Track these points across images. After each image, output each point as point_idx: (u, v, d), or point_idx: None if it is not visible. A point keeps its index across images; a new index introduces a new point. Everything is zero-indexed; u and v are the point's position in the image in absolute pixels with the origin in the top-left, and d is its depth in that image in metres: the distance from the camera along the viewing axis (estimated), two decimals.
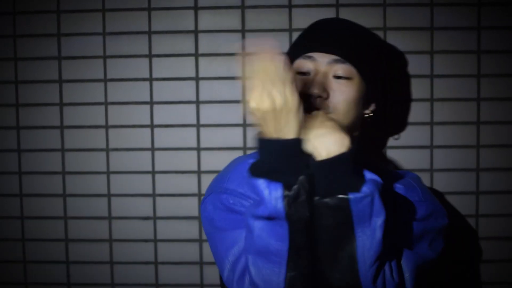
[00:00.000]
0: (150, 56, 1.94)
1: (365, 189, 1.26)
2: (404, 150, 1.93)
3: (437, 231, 1.51)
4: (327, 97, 1.51)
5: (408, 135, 1.93)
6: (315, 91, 1.50)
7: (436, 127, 1.93)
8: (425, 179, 1.93)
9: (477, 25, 1.89)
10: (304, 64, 1.55)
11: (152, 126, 1.97)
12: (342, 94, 1.52)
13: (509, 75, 1.92)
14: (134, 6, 1.94)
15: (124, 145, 1.97)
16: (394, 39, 1.90)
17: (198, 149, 1.97)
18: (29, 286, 2.04)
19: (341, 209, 1.26)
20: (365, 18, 1.90)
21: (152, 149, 1.97)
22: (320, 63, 1.54)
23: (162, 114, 1.96)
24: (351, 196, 1.25)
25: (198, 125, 1.96)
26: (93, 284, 2.02)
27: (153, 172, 1.97)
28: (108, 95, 1.96)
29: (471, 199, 1.94)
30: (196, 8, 1.95)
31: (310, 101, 1.50)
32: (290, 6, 1.94)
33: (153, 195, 1.98)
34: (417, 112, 1.93)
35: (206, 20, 1.94)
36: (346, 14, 1.91)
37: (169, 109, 1.96)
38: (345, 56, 1.54)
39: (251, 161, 1.36)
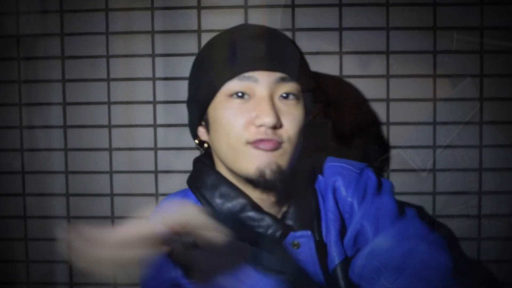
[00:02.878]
0: (153, 55, 1.95)
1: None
2: (405, 150, 1.94)
3: None
4: (281, 126, 1.28)
5: (410, 135, 1.94)
6: (269, 119, 1.23)
7: (439, 127, 1.94)
8: (428, 179, 1.93)
9: (480, 24, 1.90)
10: (239, 86, 1.28)
11: (155, 125, 1.97)
12: (295, 118, 1.29)
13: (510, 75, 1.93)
14: (137, 5, 1.94)
15: (127, 144, 1.97)
16: (397, 39, 1.91)
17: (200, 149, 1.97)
18: (31, 286, 2.04)
19: None
20: (368, 18, 1.91)
21: (155, 148, 1.97)
22: (263, 84, 1.28)
23: (164, 114, 1.96)
24: None
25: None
26: (96, 284, 2.02)
27: (156, 172, 1.97)
28: (111, 95, 1.96)
29: (473, 199, 1.94)
30: (199, 8, 1.95)
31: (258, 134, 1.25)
32: (293, 6, 1.94)
33: (156, 195, 1.98)
34: (419, 112, 1.93)
35: (209, 20, 1.95)
36: (348, 14, 1.92)
37: (171, 109, 1.96)
38: (291, 73, 1.29)
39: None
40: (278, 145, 1.27)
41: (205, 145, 1.40)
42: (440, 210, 1.94)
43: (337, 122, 1.89)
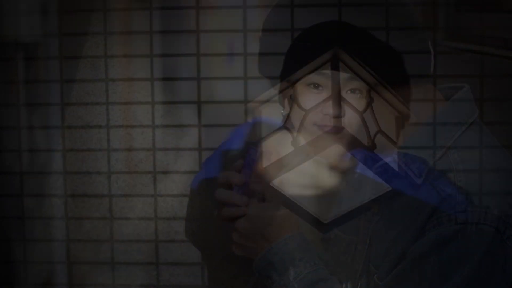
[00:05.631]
0: (151, 55, 1.94)
1: None
2: (406, 151, 1.92)
3: None
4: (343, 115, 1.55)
5: (410, 136, 1.92)
6: (335, 111, 1.52)
7: (438, 128, 1.92)
8: None
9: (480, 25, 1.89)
10: (314, 78, 1.56)
11: (153, 126, 1.96)
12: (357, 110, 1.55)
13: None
14: (135, 5, 1.94)
15: (125, 145, 1.97)
16: (397, 39, 1.89)
17: (200, 149, 1.96)
18: (30, 286, 2.04)
19: None
20: (367, 18, 1.90)
21: (154, 149, 1.97)
22: (334, 79, 1.55)
23: (162, 115, 1.96)
24: None
25: (199, 125, 1.96)
26: (95, 284, 2.02)
27: (154, 173, 1.97)
28: (109, 95, 1.96)
29: (474, 200, 1.93)
30: (197, 8, 1.95)
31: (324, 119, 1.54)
32: (292, 6, 1.93)
33: (154, 196, 1.98)
34: (420, 112, 1.92)
35: (208, 20, 1.94)
36: (348, 14, 1.90)
37: (169, 109, 1.96)
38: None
39: None
40: (338, 130, 1.55)
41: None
42: None
43: None
